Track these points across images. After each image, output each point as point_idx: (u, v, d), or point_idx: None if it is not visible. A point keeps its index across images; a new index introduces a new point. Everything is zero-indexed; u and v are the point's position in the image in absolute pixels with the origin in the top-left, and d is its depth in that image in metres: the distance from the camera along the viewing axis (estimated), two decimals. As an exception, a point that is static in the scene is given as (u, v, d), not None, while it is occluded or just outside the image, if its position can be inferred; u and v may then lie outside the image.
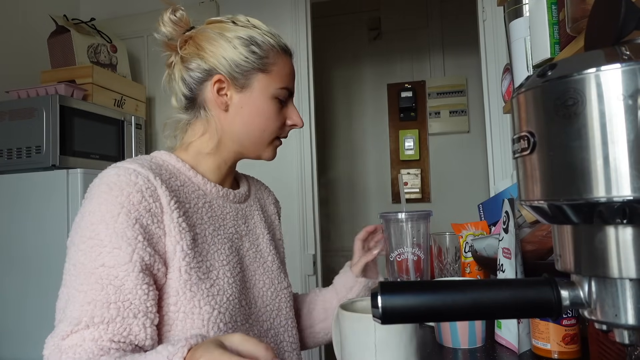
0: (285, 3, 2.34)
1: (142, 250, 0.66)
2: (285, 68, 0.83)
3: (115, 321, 0.63)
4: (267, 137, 0.82)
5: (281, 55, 0.83)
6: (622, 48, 0.36)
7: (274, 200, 1.02)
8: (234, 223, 0.84)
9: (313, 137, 2.31)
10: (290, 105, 0.85)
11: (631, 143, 0.33)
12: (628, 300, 0.36)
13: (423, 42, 3.28)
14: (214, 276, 0.73)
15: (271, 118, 0.81)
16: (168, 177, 0.75)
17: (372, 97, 3.34)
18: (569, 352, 0.77)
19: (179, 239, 0.70)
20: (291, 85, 0.84)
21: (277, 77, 0.81)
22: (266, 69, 0.80)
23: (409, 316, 0.40)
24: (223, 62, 0.78)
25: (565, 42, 0.89)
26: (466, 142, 3.13)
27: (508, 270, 0.85)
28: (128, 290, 0.64)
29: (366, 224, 3.54)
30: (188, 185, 0.78)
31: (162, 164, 0.77)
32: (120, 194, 0.67)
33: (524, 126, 0.40)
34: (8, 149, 1.85)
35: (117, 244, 0.65)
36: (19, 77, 2.16)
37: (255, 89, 0.80)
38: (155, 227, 0.69)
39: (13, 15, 2.18)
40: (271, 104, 0.81)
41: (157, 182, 0.71)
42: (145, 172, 0.71)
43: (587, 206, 0.35)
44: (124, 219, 0.66)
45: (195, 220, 0.75)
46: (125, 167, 0.71)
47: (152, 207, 0.69)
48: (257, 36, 0.81)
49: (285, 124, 0.85)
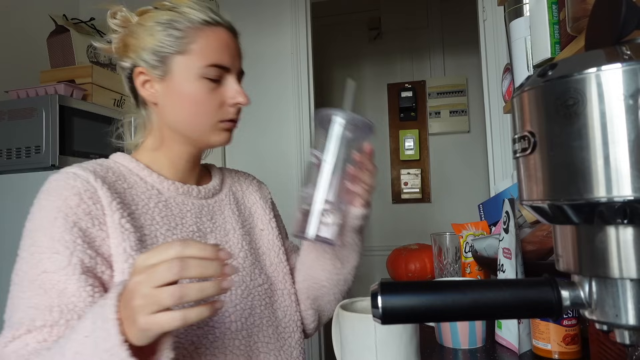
0: (285, 3, 2.34)
1: (82, 253, 0.64)
2: (211, 43, 0.75)
3: (59, 324, 0.61)
4: (205, 121, 0.76)
5: (204, 30, 0.75)
6: (622, 48, 0.36)
7: (257, 187, 0.95)
8: (196, 220, 0.79)
9: (313, 137, 2.31)
10: (229, 83, 0.77)
11: (632, 143, 0.33)
12: (629, 300, 0.36)
13: (423, 42, 3.28)
14: None
15: (201, 101, 0.74)
16: (115, 180, 0.73)
17: (372, 97, 3.34)
18: (570, 353, 0.77)
19: (121, 240, 0.67)
20: (223, 60, 0.75)
21: (200, 55, 0.74)
22: (184, 49, 0.74)
23: (409, 316, 0.40)
24: (142, 53, 0.75)
25: (566, 41, 0.89)
26: (466, 142, 3.13)
27: (508, 271, 0.85)
28: (71, 293, 0.62)
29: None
30: (138, 186, 0.75)
31: (112, 166, 0.76)
32: (58, 199, 0.67)
33: (524, 126, 0.40)
34: (7, 149, 1.85)
35: (55, 248, 0.64)
36: (19, 76, 2.16)
37: (175, 74, 0.74)
38: (97, 229, 0.67)
39: (12, 15, 2.18)
40: (199, 86, 0.74)
41: (97, 184, 0.69)
42: (85, 175, 0.69)
43: (588, 206, 0.35)
44: (62, 222, 0.65)
45: (144, 222, 0.72)
46: (66, 171, 0.70)
47: (92, 210, 0.67)
48: (175, 17, 0.75)
49: (226, 103, 0.77)
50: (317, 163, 0.71)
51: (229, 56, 0.76)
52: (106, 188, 0.69)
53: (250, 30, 2.33)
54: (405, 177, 3.20)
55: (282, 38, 2.34)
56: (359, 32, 3.39)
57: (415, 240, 1.79)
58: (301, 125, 2.31)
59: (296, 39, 2.33)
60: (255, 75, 2.35)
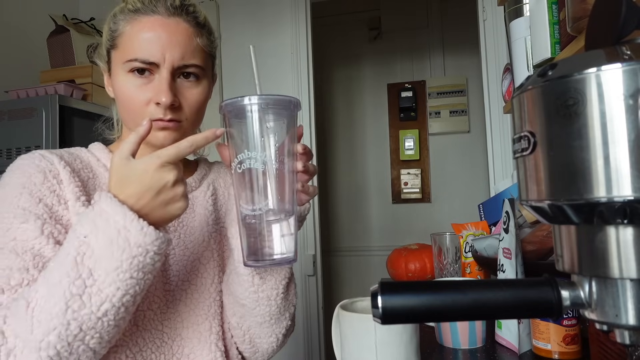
0: (285, 3, 2.34)
1: (51, 227, 0.64)
2: (134, 34, 0.69)
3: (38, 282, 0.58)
4: (135, 119, 0.71)
5: (131, 22, 0.69)
6: (622, 48, 0.36)
7: None
8: None
9: (313, 137, 2.31)
10: (156, 79, 0.69)
11: (632, 143, 0.33)
12: (629, 300, 0.36)
13: (423, 42, 3.28)
14: None
15: (128, 97, 0.71)
16: (80, 167, 0.72)
17: (372, 97, 3.34)
18: (570, 353, 0.77)
19: None
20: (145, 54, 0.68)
21: (125, 49, 0.70)
22: (114, 43, 0.71)
23: (409, 316, 0.40)
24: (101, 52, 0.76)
25: (566, 41, 0.89)
26: (466, 142, 3.14)
27: (508, 271, 0.85)
28: (47, 257, 0.61)
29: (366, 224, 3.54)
30: (103, 176, 0.74)
31: (82, 155, 0.75)
32: (22, 175, 0.66)
33: (524, 126, 0.40)
34: (7, 148, 1.85)
35: (24, 218, 0.63)
36: (19, 76, 2.16)
37: (113, 71, 0.73)
38: (62, 208, 0.66)
39: (12, 14, 2.18)
40: (126, 81, 0.70)
41: (60, 166, 0.68)
42: (50, 157, 0.69)
43: (588, 206, 0.35)
44: (27, 197, 0.64)
45: None
46: (33, 152, 0.70)
47: (56, 189, 0.66)
48: (118, 10, 0.72)
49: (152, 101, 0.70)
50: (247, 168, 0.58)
51: (157, 49, 0.68)
52: (68, 172, 0.68)
53: (250, 30, 2.33)
54: (405, 177, 3.20)
55: (282, 38, 2.34)
56: (359, 32, 3.39)
57: (415, 240, 1.79)
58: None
59: (296, 39, 2.33)
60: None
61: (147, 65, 0.68)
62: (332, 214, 3.33)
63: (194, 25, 0.72)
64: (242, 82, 2.27)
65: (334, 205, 3.34)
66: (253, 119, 0.57)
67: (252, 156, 0.58)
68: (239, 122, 0.59)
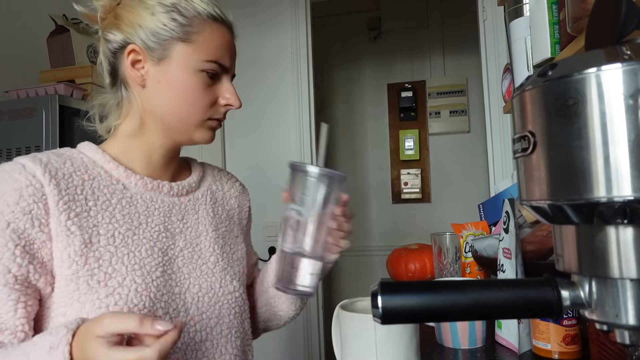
0: (285, 3, 2.34)
1: (10, 261, 0.60)
2: (215, 39, 0.72)
3: None
4: (194, 116, 0.73)
5: (209, 24, 0.72)
6: (622, 48, 0.36)
7: (239, 192, 0.91)
8: (164, 220, 0.74)
9: (313, 137, 2.31)
10: (225, 83, 0.75)
11: (632, 143, 0.33)
12: (629, 300, 0.36)
13: (423, 42, 3.28)
14: (115, 283, 0.65)
15: (195, 94, 0.71)
16: (72, 171, 0.67)
17: (372, 97, 3.34)
18: (570, 353, 0.77)
19: (66, 244, 0.63)
20: (224, 59, 0.73)
21: (203, 48, 0.71)
22: (188, 38, 0.70)
23: (409, 316, 0.40)
24: (139, 31, 0.70)
25: (566, 41, 0.89)
26: (466, 142, 3.14)
27: (508, 271, 0.85)
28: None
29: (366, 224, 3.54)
30: (102, 179, 0.70)
31: (74, 156, 0.70)
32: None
33: (524, 126, 0.40)
34: (7, 149, 1.85)
35: None
36: (19, 77, 2.16)
37: (174, 61, 0.71)
38: (37, 231, 0.62)
39: (12, 14, 2.18)
40: (195, 79, 0.71)
41: (44, 179, 0.63)
42: (33, 168, 0.63)
43: (588, 206, 0.35)
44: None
45: (101, 219, 0.67)
46: (16, 161, 0.65)
47: (32, 209, 0.62)
48: (180, 2, 0.71)
49: (218, 102, 0.75)
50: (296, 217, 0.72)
51: (229, 56, 0.75)
52: (54, 184, 0.64)
53: (250, 30, 2.33)
54: (405, 177, 3.20)
55: (282, 38, 2.34)
56: (359, 32, 3.39)
57: (415, 240, 1.79)
58: (301, 125, 2.31)
59: (296, 39, 2.33)
60: (254, 75, 2.35)
61: (223, 70, 0.74)
62: (332, 214, 3.33)
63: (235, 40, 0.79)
64: (243, 81, 2.27)
65: (334, 205, 3.34)
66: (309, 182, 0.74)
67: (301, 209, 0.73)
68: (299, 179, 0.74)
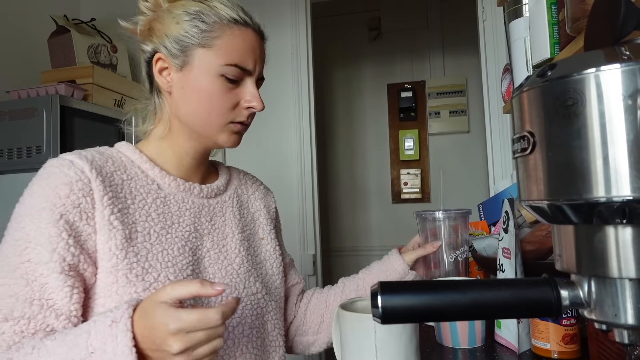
0: (285, 3, 2.34)
1: (64, 250, 0.63)
2: (235, 42, 0.73)
3: (37, 319, 0.61)
4: (216, 120, 0.74)
5: (230, 28, 0.73)
6: (621, 48, 0.36)
7: (263, 194, 0.94)
8: (194, 220, 0.77)
9: (313, 137, 2.31)
10: (247, 86, 0.75)
11: (631, 143, 0.33)
12: (627, 300, 0.36)
13: (423, 42, 3.28)
14: (151, 279, 0.67)
15: (216, 98, 0.73)
16: (114, 170, 0.71)
17: (372, 97, 3.34)
18: (569, 352, 0.77)
19: (108, 238, 0.66)
20: (245, 63, 0.74)
21: (223, 52, 0.72)
22: (207, 43, 0.72)
23: (409, 316, 0.40)
24: (165, 40, 0.74)
25: (565, 42, 0.89)
26: (466, 142, 3.14)
27: (508, 270, 0.85)
28: (52, 289, 0.62)
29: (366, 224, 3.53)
30: (139, 178, 0.73)
31: (114, 155, 0.74)
32: (47, 186, 0.65)
33: (523, 126, 0.40)
34: (8, 149, 1.85)
35: (39, 240, 0.62)
36: (20, 77, 2.16)
37: (194, 67, 0.73)
38: (84, 223, 0.65)
39: (13, 15, 2.18)
40: (216, 83, 0.72)
41: (91, 175, 0.67)
42: (81, 164, 0.67)
43: (587, 206, 0.35)
44: (48, 214, 0.63)
45: (138, 217, 0.70)
46: (63, 157, 0.68)
47: (81, 202, 0.65)
48: (204, 9, 0.73)
49: (240, 105, 0.75)
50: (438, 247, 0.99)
51: (252, 59, 0.75)
52: (100, 180, 0.67)
53: (250, 30, 2.32)
54: (405, 177, 3.20)
55: (282, 38, 2.34)
56: (359, 32, 3.39)
57: (415, 240, 1.79)
58: (301, 125, 2.31)
59: (296, 39, 2.33)
60: (255, 75, 2.35)
61: (245, 73, 0.74)
62: (332, 214, 3.34)
63: (264, 44, 0.80)
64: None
65: (334, 205, 3.34)
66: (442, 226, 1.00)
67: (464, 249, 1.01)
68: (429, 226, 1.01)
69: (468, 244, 1.02)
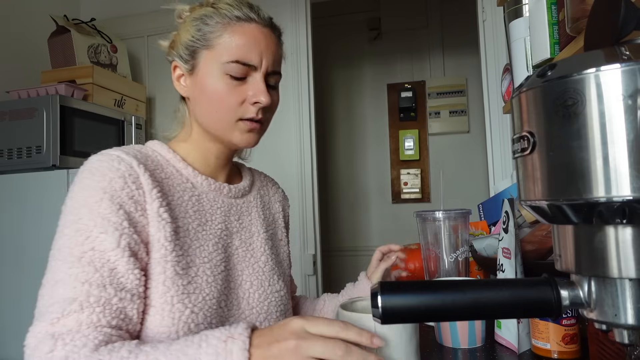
0: (285, 3, 2.34)
1: (129, 237, 0.64)
2: (237, 39, 0.73)
3: (112, 302, 0.60)
4: (225, 118, 0.75)
5: (232, 26, 0.73)
6: (621, 48, 0.36)
7: (282, 197, 0.98)
8: (224, 219, 0.79)
9: (313, 137, 2.31)
10: (253, 81, 0.74)
11: (631, 143, 0.33)
12: (628, 300, 0.36)
13: (423, 42, 3.28)
14: (192, 273, 0.70)
15: (221, 97, 0.73)
16: (153, 168, 0.72)
17: (372, 97, 3.34)
18: (569, 352, 0.77)
19: (158, 229, 0.67)
20: (248, 58, 0.73)
21: (224, 50, 0.73)
22: (210, 44, 0.73)
23: (409, 316, 0.40)
24: (179, 48, 0.77)
25: (565, 42, 0.89)
26: (466, 142, 3.14)
27: (508, 270, 0.85)
28: (121, 274, 0.62)
29: (366, 224, 3.53)
30: (175, 177, 0.75)
31: (150, 154, 0.75)
32: (102, 179, 0.65)
33: (523, 126, 0.40)
34: (8, 149, 1.85)
35: (103, 228, 0.63)
36: (20, 77, 2.16)
37: (201, 69, 0.74)
38: (139, 214, 0.67)
39: (13, 15, 2.18)
40: (221, 81, 0.73)
41: (140, 170, 0.68)
42: (129, 159, 0.69)
43: (587, 206, 0.35)
44: (108, 204, 0.64)
45: (178, 213, 0.72)
46: (109, 153, 0.69)
47: (134, 195, 0.66)
48: (210, 12, 0.75)
49: (247, 101, 0.75)
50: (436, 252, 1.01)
51: (256, 53, 0.74)
52: (148, 175, 0.69)
53: (250, 30, 2.33)
54: (405, 177, 3.20)
55: (282, 38, 2.34)
56: (359, 32, 3.39)
57: (415, 240, 1.79)
58: (301, 124, 2.31)
59: (296, 39, 2.33)
60: (255, 75, 2.35)
61: (247, 67, 0.73)
62: (332, 214, 3.34)
63: (278, 38, 0.79)
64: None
65: (334, 205, 3.34)
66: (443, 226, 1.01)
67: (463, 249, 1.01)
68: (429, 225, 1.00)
69: (468, 244, 1.02)
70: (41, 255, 2.10)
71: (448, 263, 1.01)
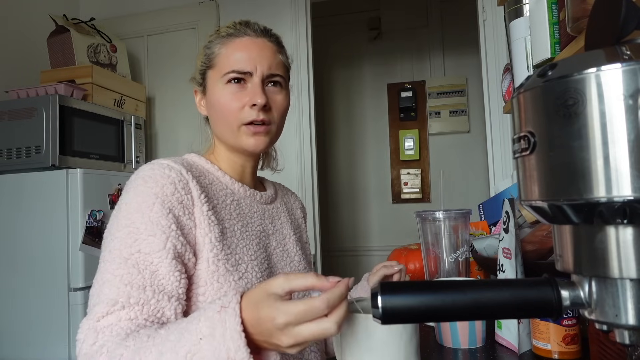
0: (285, 3, 2.34)
1: (175, 239, 0.69)
2: (230, 52, 0.81)
3: (150, 303, 0.65)
4: (230, 123, 0.81)
5: (226, 43, 0.82)
6: (622, 48, 0.36)
7: (301, 205, 1.06)
8: (261, 222, 0.86)
9: (313, 137, 2.31)
10: (250, 86, 0.81)
11: (631, 143, 0.33)
12: (628, 300, 0.36)
13: (423, 42, 3.28)
14: (242, 269, 0.76)
15: (224, 105, 0.81)
16: (198, 175, 0.79)
17: (372, 97, 3.34)
18: (569, 353, 0.77)
19: (207, 231, 0.73)
20: (241, 66, 0.80)
21: (222, 65, 0.81)
22: (212, 64, 0.83)
23: (409, 316, 0.40)
24: (195, 75, 0.87)
25: (566, 42, 0.89)
26: (466, 142, 3.14)
27: (508, 270, 0.85)
28: (162, 275, 0.67)
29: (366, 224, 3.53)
30: (216, 183, 0.81)
31: (192, 163, 0.81)
32: (155, 185, 0.71)
33: (524, 126, 0.40)
34: (8, 149, 1.85)
35: (152, 231, 0.68)
36: (19, 76, 2.16)
37: (209, 87, 0.84)
38: (187, 218, 0.72)
39: (13, 15, 2.18)
40: (223, 92, 0.81)
41: (188, 176, 0.75)
42: (178, 167, 0.75)
43: (588, 206, 0.35)
44: (159, 208, 0.69)
45: (223, 216, 0.78)
46: (160, 162, 0.76)
47: (183, 199, 0.72)
48: (213, 38, 0.84)
49: (246, 106, 0.80)
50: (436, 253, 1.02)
51: (248, 60, 0.81)
52: (195, 181, 0.75)
53: (250, 30, 2.33)
54: (405, 177, 3.20)
55: (282, 38, 2.34)
56: (359, 32, 3.39)
57: (415, 240, 1.79)
58: (301, 124, 2.31)
59: (296, 39, 2.33)
60: (255, 75, 2.35)
61: (242, 74, 0.80)
62: (332, 214, 3.33)
63: (275, 44, 0.86)
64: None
65: (334, 205, 3.34)
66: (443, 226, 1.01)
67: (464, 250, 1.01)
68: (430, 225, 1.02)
69: (468, 244, 1.02)
70: (41, 255, 2.10)
71: (448, 263, 1.01)
